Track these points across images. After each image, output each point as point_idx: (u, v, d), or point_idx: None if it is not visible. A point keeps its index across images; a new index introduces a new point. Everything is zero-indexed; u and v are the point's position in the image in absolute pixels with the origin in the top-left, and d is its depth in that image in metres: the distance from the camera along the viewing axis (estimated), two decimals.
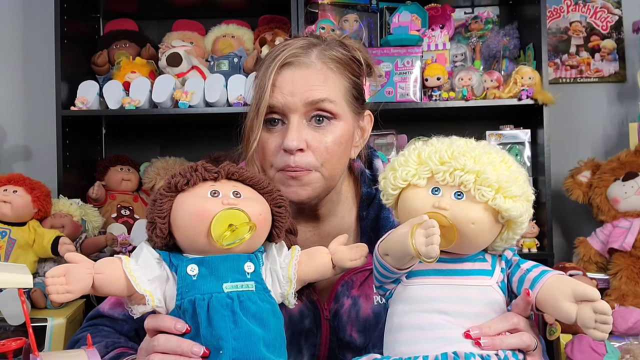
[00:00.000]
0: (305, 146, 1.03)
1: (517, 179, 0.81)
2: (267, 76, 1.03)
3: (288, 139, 1.02)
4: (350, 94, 1.09)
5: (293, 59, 1.05)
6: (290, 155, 1.02)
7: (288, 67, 1.04)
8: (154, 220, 0.83)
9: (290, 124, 1.03)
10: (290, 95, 1.03)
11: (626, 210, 2.05)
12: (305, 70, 1.04)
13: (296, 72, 1.04)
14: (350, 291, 1.11)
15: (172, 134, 2.50)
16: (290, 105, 1.03)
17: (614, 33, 2.50)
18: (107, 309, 1.12)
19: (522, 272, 0.84)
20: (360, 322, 1.10)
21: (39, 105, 2.47)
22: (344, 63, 1.09)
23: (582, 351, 1.57)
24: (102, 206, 2.29)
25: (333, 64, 1.07)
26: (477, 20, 2.41)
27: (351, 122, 1.09)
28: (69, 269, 0.77)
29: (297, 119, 1.03)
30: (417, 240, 0.75)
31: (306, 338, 1.11)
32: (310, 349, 1.11)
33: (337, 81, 1.06)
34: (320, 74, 1.05)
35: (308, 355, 1.11)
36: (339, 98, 1.06)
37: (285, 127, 1.04)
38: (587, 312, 0.76)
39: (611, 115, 2.49)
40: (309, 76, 1.04)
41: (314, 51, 1.07)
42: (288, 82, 1.03)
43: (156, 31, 2.53)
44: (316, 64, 1.05)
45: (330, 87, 1.05)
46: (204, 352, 0.78)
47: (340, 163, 1.09)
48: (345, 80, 1.08)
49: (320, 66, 1.05)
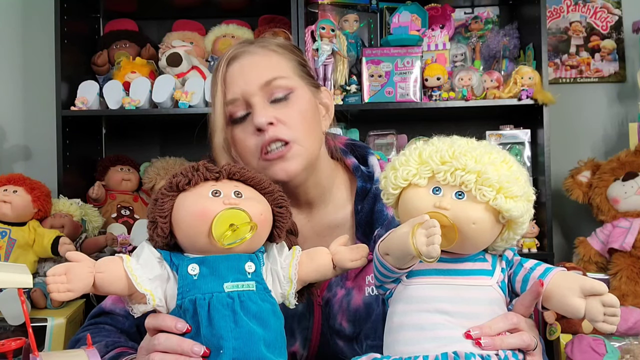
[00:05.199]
0: (276, 121, 1.06)
1: (518, 179, 0.81)
2: (219, 75, 1.09)
3: (256, 116, 1.05)
4: (300, 70, 1.13)
5: (237, 52, 1.11)
6: (264, 133, 1.05)
7: (235, 61, 1.10)
8: (155, 219, 0.83)
9: (254, 106, 1.07)
10: (245, 83, 1.08)
11: (626, 210, 2.05)
12: (251, 58, 1.10)
13: (243, 61, 1.10)
14: (344, 282, 1.13)
15: (172, 134, 2.50)
16: (248, 91, 1.07)
17: (614, 33, 2.50)
18: (110, 305, 1.13)
19: (526, 271, 0.84)
20: (351, 312, 1.11)
21: (39, 105, 2.47)
22: (283, 47, 1.15)
23: (582, 351, 1.57)
24: (102, 206, 2.29)
25: (274, 47, 1.13)
26: (477, 20, 2.41)
27: (310, 94, 1.13)
28: (69, 267, 0.77)
29: (259, 100, 1.07)
30: (418, 240, 0.75)
31: (299, 322, 1.12)
32: (303, 332, 1.13)
33: (282, 60, 1.12)
34: (264, 56, 1.11)
35: (301, 339, 1.13)
36: (289, 73, 1.11)
37: (251, 115, 1.07)
38: (595, 306, 0.76)
39: (611, 115, 2.49)
40: (255, 60, 1.10)
41: (253, 43, 1.14)
42: (238, 72, 1.09)
43: (156, 31, 2.53)
44: (258, 51, 1.12)
45: (278, 65, 1.11)
46: (204, 351, 0.79)
47: (314, 134, 1.11)
48: (291, 59, 1.13)
49: (262, 51, 1.12)
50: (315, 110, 1.13)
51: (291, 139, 1.06)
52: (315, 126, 1.12)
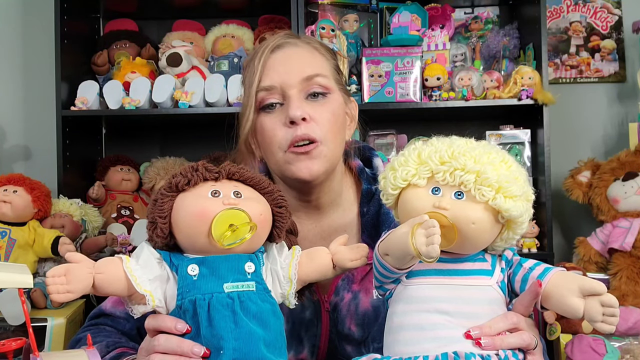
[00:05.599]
0: (309, 117, 1.05)
1: (517, 179, 0.81)
2: (258, 61, 1.08)
3: (292, 109, 1.04)
4: (336, 74, 1.14)
5: (282, 42, 1.11)
6: (296, 127, 1.04)
7: (279, 49, 1.10)
8: (154, 220, 0.83)
9: (290, 98, 1.06)
10: (286, 73, 1.07)
11: (626, 210, 2.05)
12: (296, 49, 1.11)
13: (287, 52, 1.10)
14: (350, 285, 1.12)
15: (172, 134, 2.50)
16: (287, 81, 1.06)
17: (613, 33, 2.50)
18: (109, 307, 1.13)
19: (525, 270, 0.84)
20: (359, 316, 1.11)
21: (39, 105, 2.47)
22: (325, 48, 1.16)
23: (582, 351, 1.57)
24: (102, 206, 2.29)
25: (318, 46, 1.14)
26: (477, 21, 2.41)
27: (342, 100, 1.13)
28: (69, 268, 0.77)
29: (296, 93, 1.07)
30: (418, 240, 0.75)
31: (307, 329, 1.12)
32: (311, 339, 1.12)
33: (323, 59, 1.13)
34: (309, 52, 1.12)
35: (309, 346, 1.12)
36: (328, 73, 1.11)
37: (284, 106, 1.07)
38: (594, 306, 0.77)
39: (611, 115, 2.49)
40: (300, 53, 1.10)
41: (299, 37, 1.15)
42: (282, 61, 1.08)
43: (156, 31, 2.53)
44: (303, 44, 1.12)
45: (321, 63, 1.11)
46: (204, 352, 0.79)
47: (339, 139, 1.11)
48: (331, 62, 1.14)
49: (307, 47, 1.12)
50: (344, 116, 1.13)
51: (319, 139, 1.05)
52: (342, 132, 1.12)
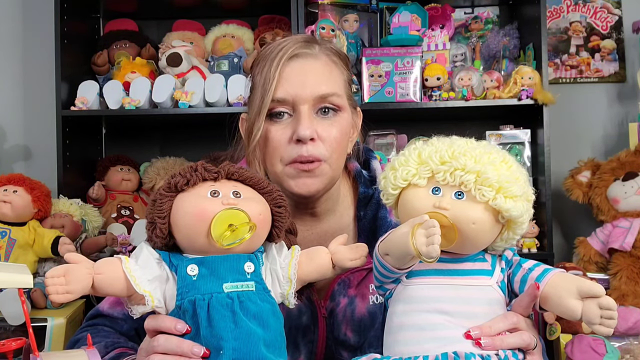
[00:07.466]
0: (316, 136, 1.04)
1: (517, 179, 0.81)
2: (274, 69, 1.04)
3: (302, 127, 1.02)
4: (348, 88, 1.11)
5: (300, 51, 1.06)
6: (302, 145, 1.03)
7: (296, 59, 1.06)
8: (153, 220, 0.83)
9: (301, 114, 1.04)
10: (301, 87, 1.04)
11: (626, 210, 2.05)
12: (314, 62, 1.06)
13: (305, 64, 1.06)
14: (347, 290, 1.11)
15: (172, 134, 2.50)
16: (301, 95, 1.04)
17: (614, 33, 2.50)
18: (107, 308, 1.12)
19: (524, 271, 0.84)
20: (355, 322, 1.11)
21: (39, 105, 2.46)
22: (340, 57, 1.12)
23: (582, 351, 1.57)
24: (102, 206, 2.29)
25: (335, 57, 1.10)
26: (477, 21, 2.41)
27: (350, 115, 1.11)
28: (68, 269, 0.77)
29: (307, 109, 1.04)
30: (418, 240, 0.75)
31: (303, 335, 1.11)
32: (308, 345, 1.11)
33: (339, 74, 1.09)
34: (326, 66, 1.07)
35: (305, 352, 1.11)
36: (342, 91, 1.08)
37: (293, 119, 1.05)
38: (592, 309, 0.76)
39: (611, 115, 2.49)
40: (317, 68, 1.06)
41: (316, 45, 1.09)
42: (297, 73, 1.05)
43: (156, 31, 2.53)
44: (321, 56, 1.08)
45: (336, 81, 1.08)
46: (204, 352, 0.78)
47: (343, 155, 1.10)
48: (344, 74, 1.11)
49: (325, 59, 1.08)
50: (349, 132, 1.12)
51: (324, 158, 1.05)
52: (346, 147, 1.11)
